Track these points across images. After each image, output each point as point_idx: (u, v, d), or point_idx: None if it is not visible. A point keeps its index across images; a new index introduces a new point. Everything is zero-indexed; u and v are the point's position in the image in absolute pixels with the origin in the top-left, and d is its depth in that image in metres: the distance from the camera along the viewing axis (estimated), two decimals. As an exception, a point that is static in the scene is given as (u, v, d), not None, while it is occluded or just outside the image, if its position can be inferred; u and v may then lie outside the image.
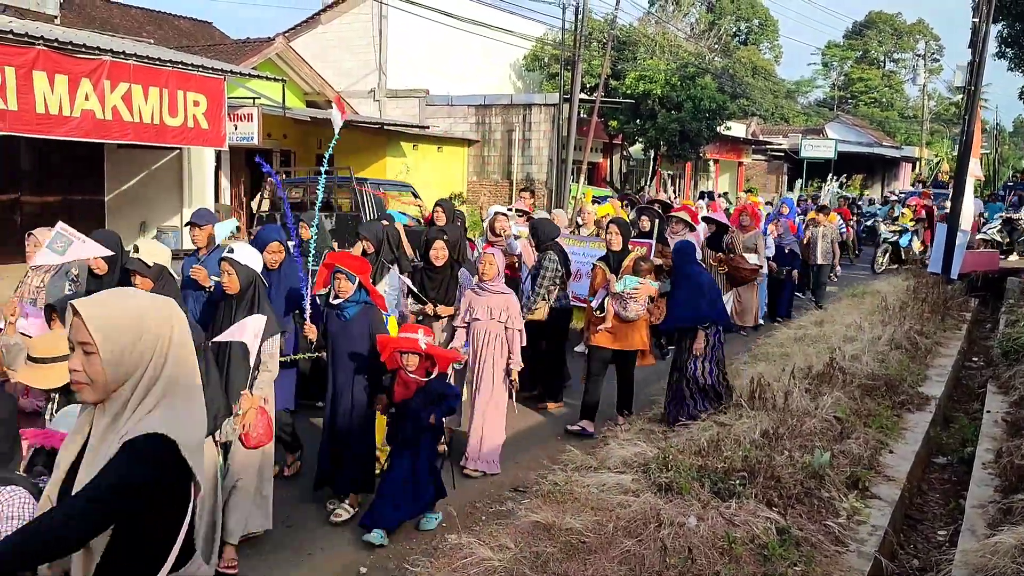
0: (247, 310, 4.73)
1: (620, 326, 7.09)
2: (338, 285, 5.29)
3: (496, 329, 6.27)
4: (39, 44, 11.16)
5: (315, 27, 24.99)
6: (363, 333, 5.23)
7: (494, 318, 6.26)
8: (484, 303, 6.30)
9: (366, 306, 5.33)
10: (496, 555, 4.27)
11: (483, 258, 6.35)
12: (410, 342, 5.04)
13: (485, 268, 6.29)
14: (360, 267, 5.34)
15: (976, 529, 5.08)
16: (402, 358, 5.03)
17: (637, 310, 7.01)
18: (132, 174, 15.75)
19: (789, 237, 12.95)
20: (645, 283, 6.97)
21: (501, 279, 6.42)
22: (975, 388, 9.73)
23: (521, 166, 23.78)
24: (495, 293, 6.31)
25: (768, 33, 55.30)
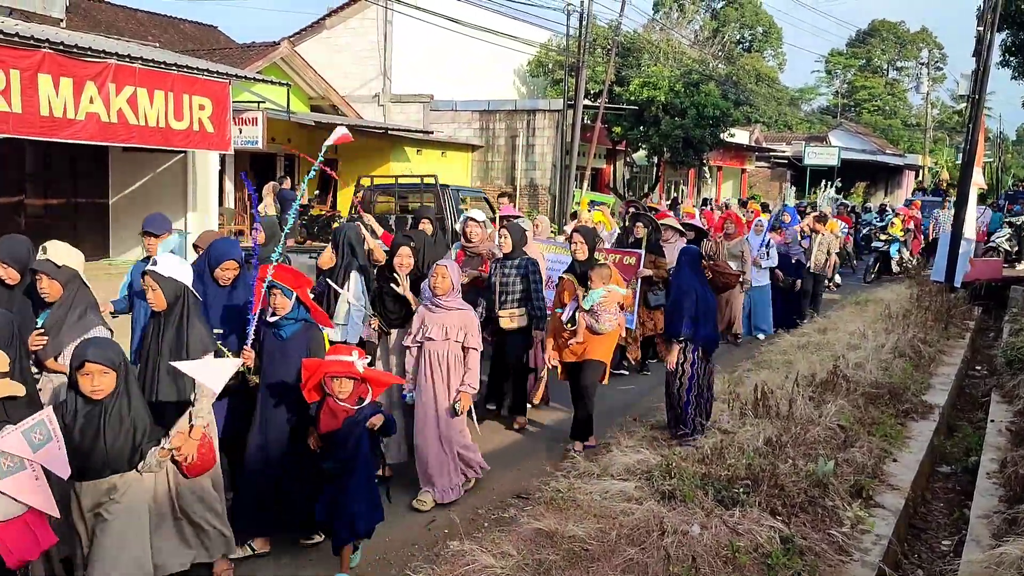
0: (175, 328, 4.31)
1: (590, 338, 6.63)
2: (274, 301, 4.80)
3: (454, 350, 5.62)
4: (45, 47, 11.20)
5: (320, 32, 25.06)
6: (301, 355, 4.69)
7: (449, 337, 5.59)
8: (438, 321, 5.62)
9: (305, 324, 4.87)
10: (498, 562, 4.25)
11: (435, 271, 5.63)
12: (344, 366, 4.47)
13: (437, 282, 5.58)
14: (297, 280, 4.87)
15: (981, 539, 5.06)
16: (333, 383, 4.48)
17: (610, 320, 6.56)
18: (136, 177, 15.78)
19: (796, 247, 12.73)
20: (612, 290, 6.56)
21: (457, 293, 5.72)
22: (979, 397, 9.71)
23: (525, 172, 23.82)
24: (451, 309, 5.63)
25: (772, 40, 55.33)
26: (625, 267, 8.78)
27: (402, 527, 5.26)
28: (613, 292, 6.56)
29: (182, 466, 4.07)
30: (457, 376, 5.66)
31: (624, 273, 8.59)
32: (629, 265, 8.87)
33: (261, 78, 16.17)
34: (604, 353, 6.69)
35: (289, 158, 20.99)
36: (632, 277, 8.73)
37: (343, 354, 4.55)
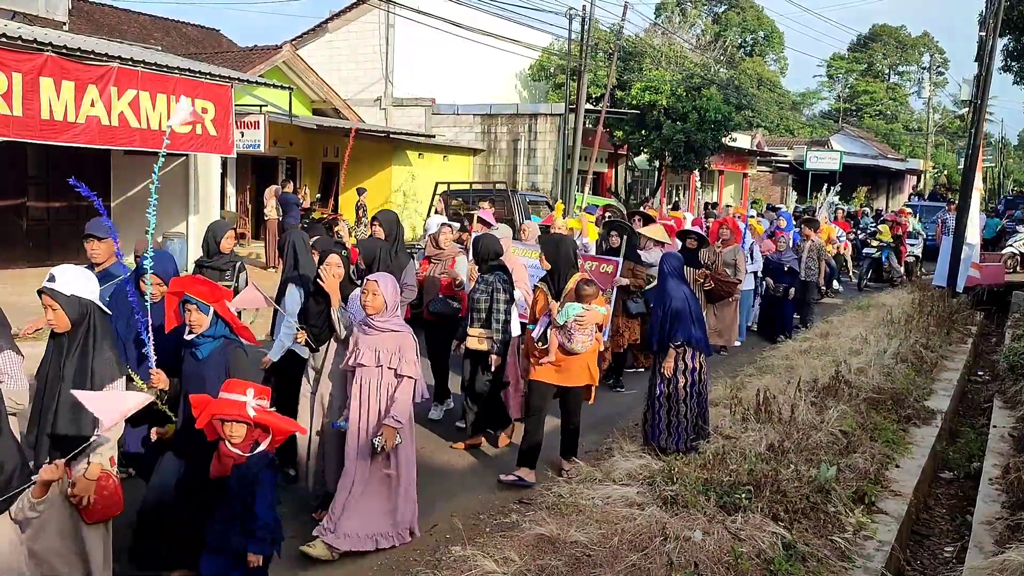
0: (79, 352, 3.81)
1: (565, 358, 6.06)
2: (189, 317, 4.30)
3: (387, 377, 4.94)
4: (48, 50, 11.21)
5: (322, 35, 25.09)
6: (220, 375, 4.19)
7: (382, 363, 4.91)
8: (371, 344, 4.93)
9: (225, 341, 4.35)
10: (501, 568, 4.25)
11: (366, 286, 4.92)
12: (233, 407, 3.86)
13: (368, 299, 4.87)
14: (213, 293, 4.34)
15: (983, 546, 5.05)
16: (223, 427, 3.89)
17: (584, 341, 5.97)
18: (138, 180, 15.78)
19: (789, 254, 12.36)
20: (591, 310, 5.96)
21: (394, 313, 5.01)
22: (981, 402, 9.70)
23: (526, 175, 23.83)
24: (384, 331, 4.92)
25: (773, 45, 55.42)
26: (602, 275, 8.57)
27: (403, 532, 5.24)
28: (593, 312, 5.98)
29: (84, 513, 3.61)
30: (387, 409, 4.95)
31: (601, 281, 8.33)
32: (606, 273, 8.63)
33: (263, 81, 16.19)
34: (588, 375, 6.18)
35: (291, 161, 21.02)
36: (609, 286, 8.47)
37: (236, 392, 3.90)
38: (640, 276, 8.83)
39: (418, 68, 24.60)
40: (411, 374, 4.94)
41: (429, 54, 24.44)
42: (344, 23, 24.99)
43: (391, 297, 4.95)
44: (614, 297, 8.45)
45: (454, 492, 5.95)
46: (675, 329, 6.39)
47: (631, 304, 8.80)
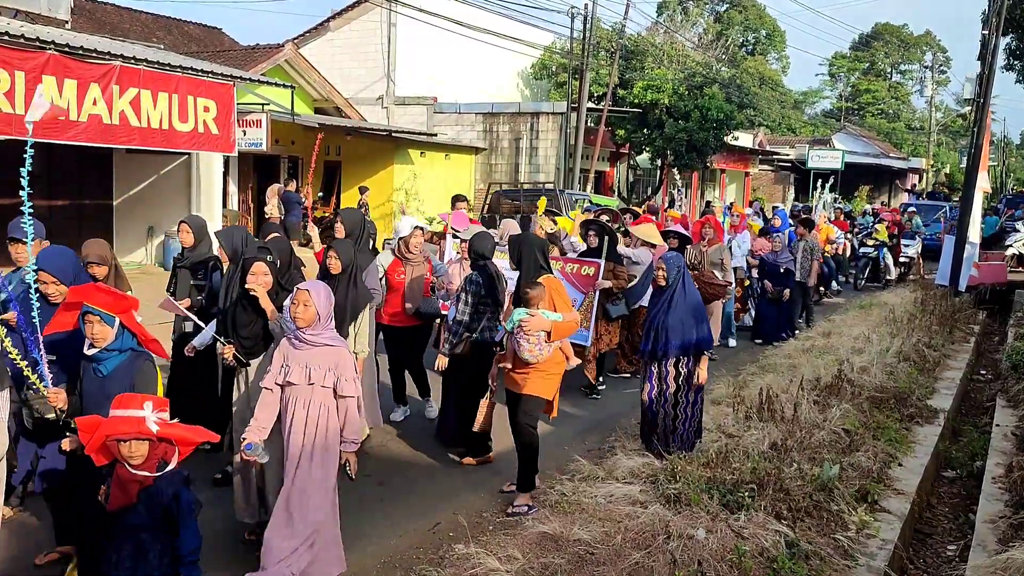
0: None
1: (522, 367, 5.59)
2: (91, 330, 3.88)
3: (320, 397, 4.43)
4: (50, 49, 11.21)
5: (324, 34, 25.10)
6: (124, 390, 3.76)
7: (314, 382, 4.41)
8: (301, 359, 4.43)
9: (132, 355, 3.98)
10: (504, 566, 4.25)
11: (295, 295, 4.43)
12: (130, 424, 3.37)
13: (297, 310, 4.38)
14: (118, 302, 3.94)
15: (986, 544, 5.05)
16: (120, 447, 3.38)
17: (532, 351, 5.44)
18: (141, 179, 15.81)
19: (785, 255, 12.00)
20: (536, 315, 5.44)
21: (327, 325, 4.51)
22: (984, 401, 9.70)
23: (528, 174, 23.83)
24: (316, 346, 4.42)
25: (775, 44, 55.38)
26: (583, 277, 8.33)
27: (406, 531, 5.25)
28: (538, 317, 5.44)
29: None
30: (327, 430, 4.47)
31: (582, 284, 8.24)
32: (587, 276, 8.34)
33: (265, 80, 16.19)
34: (542, 388, 5.61)
35: (293, 160, 21.02)
36: (591, 288, 8.25)
37: (131, 406, 3.42)
38: (622, 277, 8.50)
39: (420, 67, 24.61)
40: (352, 393, 4.45)
41: (431, 53, 24.45)
42: (346, 22, 25.00)
43: (324, 308, 4.45)
44: (596, 300, 8.23)
45: (457, 490, 5.95)
46: (707, 333, 6.19)
47: (611, 307, 8.45)
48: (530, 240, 6.21)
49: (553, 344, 5.54)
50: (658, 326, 6.18)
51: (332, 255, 5.81)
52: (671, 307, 6.17)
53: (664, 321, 6.14)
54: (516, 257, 6.00)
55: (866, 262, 18.45)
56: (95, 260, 5.20)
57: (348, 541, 5.06)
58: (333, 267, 5.74)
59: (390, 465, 6.33)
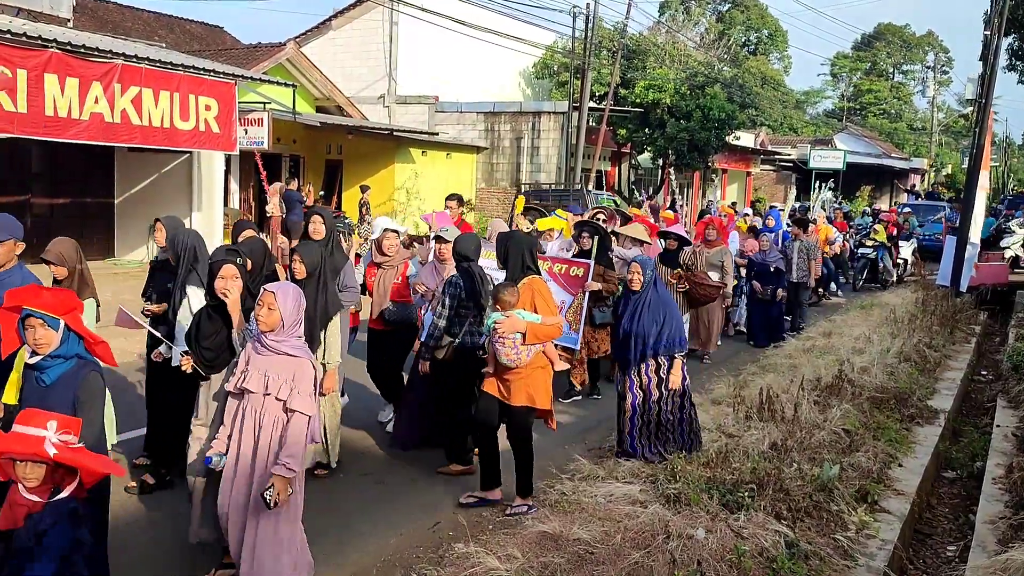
0: None
1: (504, 372, 5.40)
2: (33, 336, 3.55)
3: (273, 410, 4.08)
4: (52, 47, 11.23)
5: (326, 33, 25.11)
6: (68, 404, 3.51)
7: (270, 391, 4.06)
8: (261, 366, 4.10)
9: (79, 363, 3.64)
10: (504, 565, 4.25)
11: (261, 298, 4.11)
12: (28, 442, 3.13)
13: (262, 313, 4.07)
14: (63, 303, 3.62)
15: (986, 545, 5.05)
16: (15, 468, 3.16)
17: (509, 355, 5.25)
18: (142, 177, 15.82)
19: (774, 254, 11.69)
20: (510, 316, 5.26)
21: (291, 332, 4.15)
22: (984, 402, 9.69)
23: (529, 173, 23.84)
24: (277, 353, 4.09)
25: (777, 44, 55.38)
26: (572, 279, 8.09)
27: (406, 529, 5.25)
28: (512, 319, 5.25)
29: None
30: (275, 449, 4.07)
31: (571, 286, 8.03)
32: (576, 277, 8.09)
33: (267, 79, 16.21)
34: (529, 396, 5.40)
35: (294, 159, 21.04)
36: (579, 290, 8.01)
37: (33, 424, 3.15)
38: (612, 281, 8.11)
39: (422, 66, 24.62)
40: (304, 409, 4.05)
41: (433, 52, 24.46)
42: (348, 20, 25.01)
43: (291, 313, 4.12)
44: (585, 303, 8.01)
45: (457, 490, 5.95)
46: (679, 334, 6.02)
47: (596, 313, 8.14)
48: (517, 239, 5.96)
49: (533, 347, 5.31)
50: (633, 331, 6.01)
51: (296, 259, 5.47)
52: (646, 310, 6.02)
53: (639, 325, 5.99)
54: (503, 256, 5.80)
55: (865, 263, 18.34)
56: (53, 259, 4.94)
57: (348, 541, 5.08)
58: (298, 271, 5.42)
59: (389, 465, 6.33)
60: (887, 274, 18.29)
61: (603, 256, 8.25)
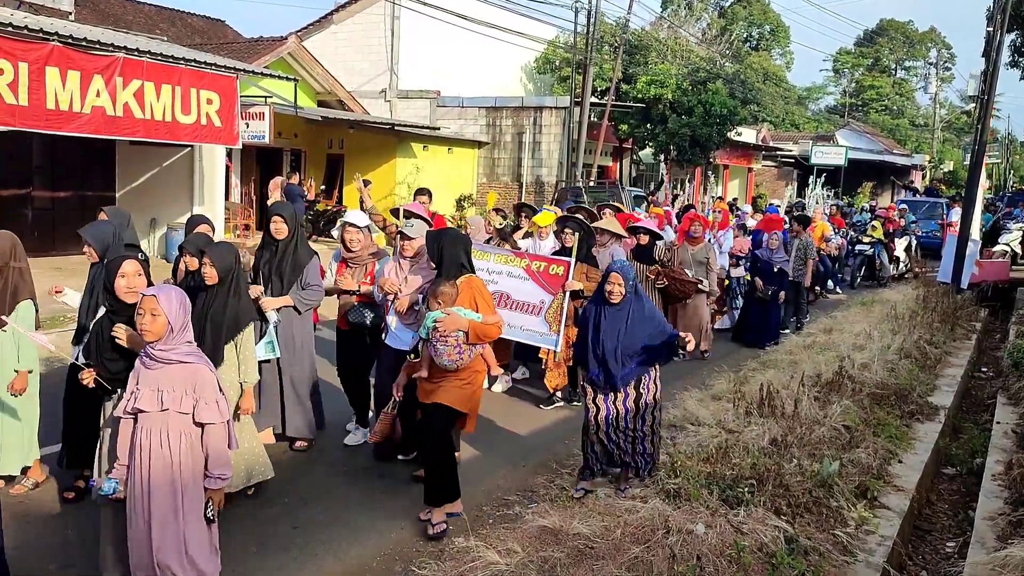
0: None
1: (439, 374, 5.10)
2: None
3: (177, 424, 3.71)
4: (54, 40, 11.22)
5: (327, 27, 25.09)
6: None
7: (168, 407, 3.70)
8: (153, 381, 3.72)
9: None
10: (504, 559, 4.26)
11: (142, 304, 3.71)
12: None
13: (145, 321, 3.67)
14: None
15: (986, 541, 5.06)
16: None
17: (451, 355, 4.97)
18: (144, 171, 15.82)
19: (780, 254, 11.34)
20: (452, 314, 5.01)
21: (181, 337, 3.77)
22: (985, 399, 9.70)
23: (531, 169, 23.83)
24: (169, 363, 3.72)
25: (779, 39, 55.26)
26: (552, 277, 7.72)
27: (407, 523, 5.26)
28: (453, 317, 4.99)
29: None
30: (192, 468, 3.76)
31: (551, 285, 7.68)
32: (556, 276, 7.69)
33: (269, 73, 16.19)
34: (455, 398, 5.09)
35: (296, 153, 21.03)
36: (559, 290, 7.60)
37: None
38: (595, 280, 7.29)
39: (423, 60, 24.59)
40: (214, 419, 3.74)
41: (434, 46, 24.43)
42: (349, 15, 24.98)
43: (177, 316, 3.74)
44: (566, 303, 7.54)
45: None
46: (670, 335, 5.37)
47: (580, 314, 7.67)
48: (452, 236, 5.60)
49: (474, 348, 5.08)
50: (613, 351, 5.29)
51: (207, 262, 4.92)
52: (637, 325, 5.29)
53: (620, 345, 5.28)
54: (436, 255, 5.44)
55: (862, 260, 18.25)
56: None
57: (348, 535, 5.09)
58: (208, 276, 4.89)
59: (390, 460, 6.33)
60: (884, 271, 18.22)
61: (587, 254, 7.85)
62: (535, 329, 7.68)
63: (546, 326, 7.61)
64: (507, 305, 7.72)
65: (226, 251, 4.99)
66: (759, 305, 11.29)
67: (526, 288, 7.72)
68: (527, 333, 7.75)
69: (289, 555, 4.81)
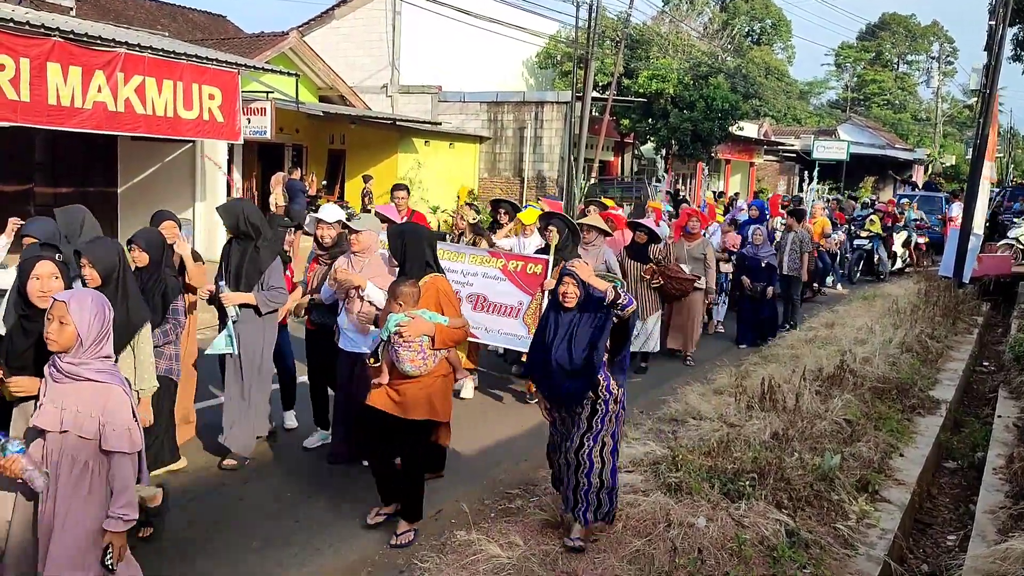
0: None
1: (401, 382, 4.78)
2: None
3: (84, 450, 3.29)
4: (55, 35, 11.22)
5: (329, 22, 25.06)
6: None
7: (67, 428, 3.28)
8: (57, 397, 3.30)
9: None
10: (505, 552, 4.28)
11: (51, 309, 3.31)
12: None
13: (52, 330, 3.29)
14: None
15: (986, 535, 5.06)
16: None
17: (414, 360, 4.69)
18: (145, 166, 15.83)
19: (766, 248, 11.00)
20: (416, 318, 4.70)
21: (95, 351, 3.34)
22: (986, 392, 9.70)
23: (532, 164, 23.81)
24: (78, 380, 3.30)
25: (781, 33, 55.22)
26: (529, 276, 7.37)
27: (409, 517, 5.27)
28: (418, 321, 4.69)
29: None
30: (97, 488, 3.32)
31: (528, 285, 7.35)
32: (534, 275, 7.35)
33: (270, 68, 16.19)
34: (429, 409, 4.80)
35: (297, 148, 21.02)
36: (537, 289, 7.30)
37: None
38: None
39: (424, 55, 24.57)
40: (122, 448, 3.28)
41: (436, 41, 24.41)
42: (351, 10, 24.95)
43: (90, 328, 3.31)
44: (546, 302, 6.67)
45: (459, 478, 5.98)
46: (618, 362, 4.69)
47: None
48: (415, 232, 5.33)
49: (439, 352, 4.80)
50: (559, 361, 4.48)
51: (85, 263, 4.37)
52: (577, 334, 4.50)
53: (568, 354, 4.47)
54: (399, 253, 5.17)
55: (860, 254, 18.16)
56: None
57: (350, 529, 5.10)
58: (90, 279, 4.37)
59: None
60: (882, 266, 18.14)
61: (570, 253, 7.28)
62: (513, 332, 7.44)
63: (524, 328, 7.34)
64: (483, 308, 7.48)
65: (107, 249, 4.41)
66: (751, 303, 11.02)
67: (503, 289, 7.46)
68: (504, 337, 7.54)
69: (291, 550, 4.82)
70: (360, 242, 5.71)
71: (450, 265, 7.32)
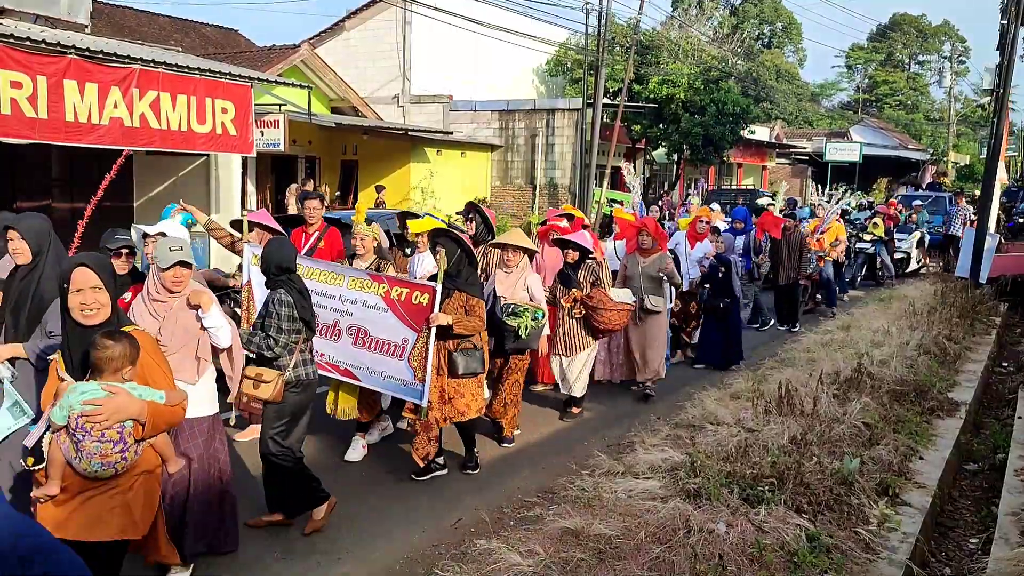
0: None
1: (87, 490, 3.35)
2: None
3: None
4: (71, 53, 11.34)
5: (340, 34, 25.22)
6: None
7: None
8: None
9: None
10: (525, 560, 4.28)
11: None
12: None
13: None
14: None
15: (1009, 537, 5.03)
16: None
17: (107, 454, 3.29)
18: (160, 180, 15.94)
19: (731, 256, 10.14)
20: (119, 393, 3.30)
21: None
22: (1006, 394, 9.63)
23: (544, 171, 23.86)
24: None
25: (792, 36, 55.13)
26: (415, 309, 5.84)
27: (428, 526, 5.29)
28: (121, 395, 3.30)
29: None
30: None
31: (414, 318, 5.83)
32: (420, 306, 5.82)
33: (282, 81, 16.29)
34: (127, 522, 3.41)
35: (310, 160, 21.13)
36: (423, 325, 5.77)
37: None
38: (475, 314, 5.82)
39: (435, 65, 24.68)
40: None
41: (446, 51, 24.52)
42: (361, 21, 25.11)
43: None
44: (432, 342, 5.73)
45: (477, 487, 5.99)
46: None
47: (458, 358, 5.78)
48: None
49: (142, 443, 3.41)
50: None
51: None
52: None
53: None
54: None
55: (864, 259, 17.99)
56: None
57: (369, 538, 5.12)
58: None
59: (409, 462, 6.35)
60: (885, 270, 17.94)
61: (466, 279, 5.91)
62: (397, 377, 5.93)
63: (410, 372, 5.84)
64: (364, 344, 6.04)
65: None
66: (714, 319, 9.82)
67: (386, 322, 5.93)
68: (388, 382, 6.01)
69: (312, 561, 4.85)
70: None
71: (326, 289, 6.09)
